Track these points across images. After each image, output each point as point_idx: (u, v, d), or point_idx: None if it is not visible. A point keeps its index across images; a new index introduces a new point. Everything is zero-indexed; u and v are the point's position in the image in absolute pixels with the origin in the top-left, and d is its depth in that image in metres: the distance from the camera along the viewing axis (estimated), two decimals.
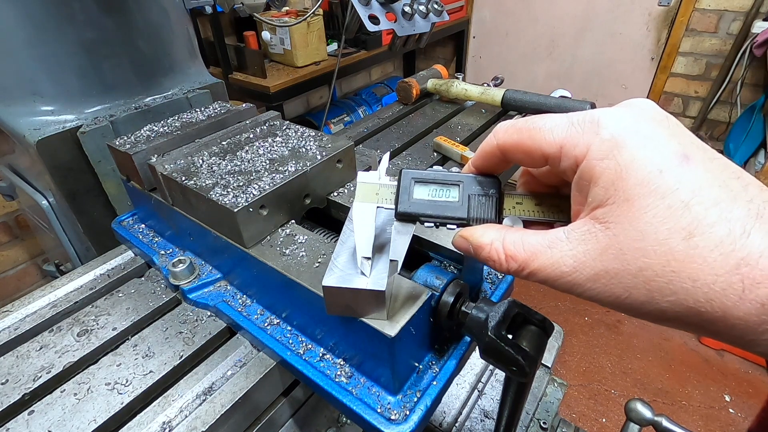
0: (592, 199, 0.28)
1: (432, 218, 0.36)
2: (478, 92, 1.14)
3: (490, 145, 0.35)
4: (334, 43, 2.50)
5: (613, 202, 0.27)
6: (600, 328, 2.44)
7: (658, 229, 0.25)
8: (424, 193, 0.37)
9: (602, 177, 0.27)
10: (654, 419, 0.73)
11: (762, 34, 2.21)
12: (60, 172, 0.78)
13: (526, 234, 0.32)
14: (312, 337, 0.52)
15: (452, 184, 0.37)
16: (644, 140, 0.27)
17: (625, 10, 2.80)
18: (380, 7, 1.00)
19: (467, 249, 0.35)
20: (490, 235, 0.33)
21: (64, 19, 0.73)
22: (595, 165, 0.27)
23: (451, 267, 0.50)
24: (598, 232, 0.27)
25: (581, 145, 0.28)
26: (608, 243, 0.27)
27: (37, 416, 0.49)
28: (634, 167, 0.26)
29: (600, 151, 0.27)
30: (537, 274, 0.30)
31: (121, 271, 0.70)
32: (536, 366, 0.38)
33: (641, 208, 0.25)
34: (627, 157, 0.26)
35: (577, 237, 0.29)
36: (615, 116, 0.28)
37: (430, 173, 0.37)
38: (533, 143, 0.31)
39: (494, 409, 0.75)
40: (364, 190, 0.39)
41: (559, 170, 0.31)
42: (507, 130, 0.33)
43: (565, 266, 0.29)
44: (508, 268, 0.32)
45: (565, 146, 0.29)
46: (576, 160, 0.29)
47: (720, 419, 1.99)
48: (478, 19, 3.44)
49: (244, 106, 0.77)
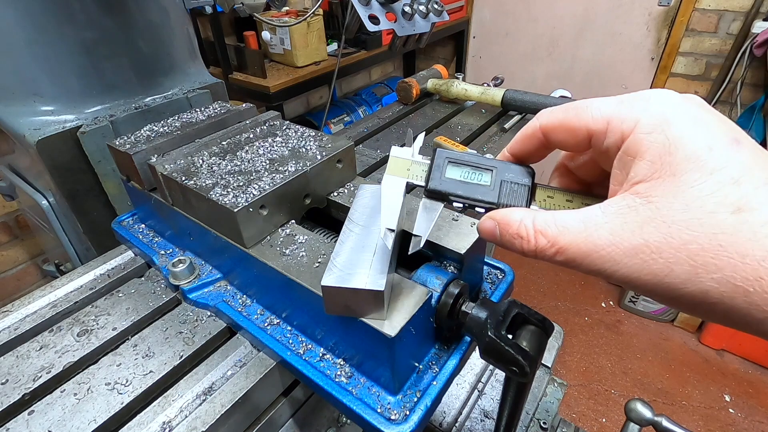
0: (634, 173, 0.27)
1: (462, 198, 0.36)
2: (478, 92, 1.14)
3: (532, 128, 0.34)
4: (334, 43, 2.50)
5: (658, 176, 0.26)
6: (600, 328, 2.44)
7: (706, 202, 0.24)
8: (456, 174, 0.37)
9: (649, 150, 0.26)
10: (654, 419, 0.73)
11: (762, 34, 2.20)
12: (60, 172, 0.78)
13: (557, 213, 0.30)
14: (312, 337, 0.52)
15: (485, 169, 0.36)
16: (694, 120, 0.26)
17: (625, 10, 2.80)
18: (380, 7, 1.00)
19: (493, 230, 0.33)
20: (519, 213, 0.32)
21: (64, 19, 0.73)
22: (642, 138, 0.27)
23: (451, 267, 0.50)
24: (639, 205, 0.26)
25: (629, 120, 0.28)
26: (650, 215, 0.25)
27: (37, 416, 0.49)
28: (683, 142, 0.25)
29: (649, 124, 0.27)
30: (567, 250, 0.28)
31: (121, 271, 0.70)
32: (536, 366, 0.38)
33: (688, 182, 0.25)
34: (676, 132, 0.26)
35: (614, 210, 0.27)
36: (666, 95, 0.28)
37: (465, 155, 0.37)
38: (579, 121, 0.31)
39: (494, 409, 0.75)
40: (396, 165, 0.40)
41: (603, 149, 0.30)
42: (552, 111, 0.33)
43: (600, 240, 0.27)
44: (536, 246, 0.30)
45: (612, 121, 0.29)
46: (622, 135, 0.28)
47: (720, 419, 1.99)
48: (478, 19, 3.44)
49: (244, 106, 0.77)
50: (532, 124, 0.34)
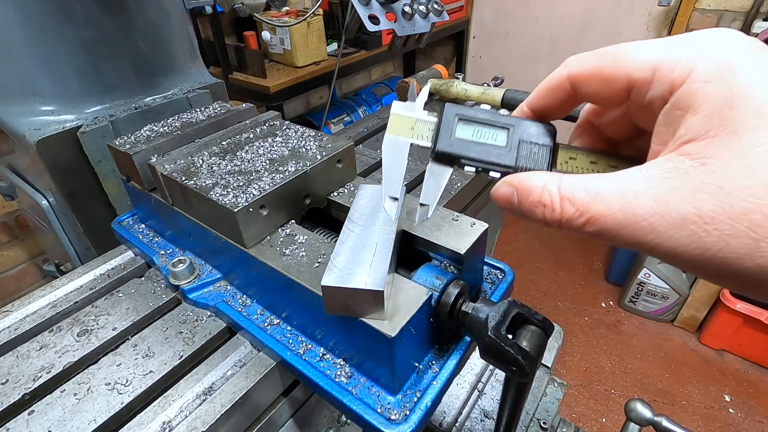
0: (685, 130, 0.23)
1: (474, 162, 0.32)
2: (478, 92, 1.14)
3: (559, 77, 0.30)
4: (334, 43, 2.50)
5: (714, 134, 0.22)
6: (600, 328, 2.44)
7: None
8: (468, 133, 0.32)
9: (705, 103, 0.22)
10: (654, 419, 0.73)
11: (762, 34, 2.20)
12: (60, 172, 0.78)
13: (587, 177, 0.26)
14: (312, 337, 0.52)
15: (501, 127, 0.32)
16: (763, 67, 0.22)
17: (625, 10, 2.80)
18: (380, 7, 1.00)
19: (510, 197, 0.29)
20: (542, 177, 0.28)
21: (64, 19, 0.73)
22: (698, 89, 0.23)
23: (451, 267, 0.50)
24: (690, 168, 0.22)
25: (683, 66, 0.23)
26: (703, 180, 0.22)
27: (37, 416, 0.49)
28: (748, 95, 0.21)
29: (708, 72, 0.23)
30: (600, 220, 0.24)
31: (121, 271, 0.70)
32: (536, 366, 0.38)
33: (752, 142, 0.21)
34: (741, 82, 0.22)
35: (658, 174, 0.23)
36: (730, 36, 0.24)
37: (479, 111, 0.33)
38: (617, 68, 0.26)
39: (494, 409, 0.75)
40: (398, 123, 0.35)
41: (644, 102, 0.26)
42: (582, 57, 0.28)
43: (641, 208, 0.23)
44: (561, 215, 0.26)
45: (661, 67, 0.24)
46: (672, 85, 0.24)
47: (720, 419, 1.99)
48: (478, 19, 3.44)
49: (244, 106, 0.77)
50: (558, 73, 0.30)
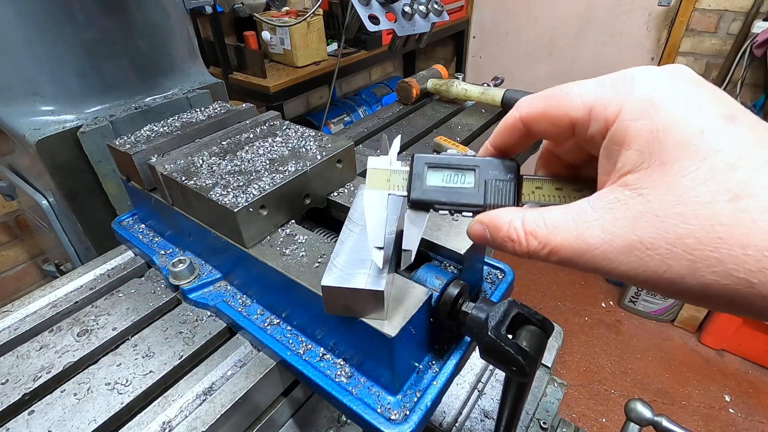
0: (622, 164, 0.25)
1: (446, 206, 0.35)
2: (478, 92, 1.14)
3: (513, 119, 0.32)
4: (334, 43, 2.50)
5: (647, 166, 0.24)
6: (600, 328, 2.44)
7: (700, 192, 0.22)
8: (437, 180, 0.35)
9: (636, 139, 0.24)
10: (654, 419, 0.73)
11: (762, 34, 2.20)
12: (60, 172, 0.78)
13: (547, 210, 0.29)
14: (312, 337, 0.52)
15: (467, 169, 0.35)
16: (684, 100, 0.24)
17: (625, 10, 2.80)
18: (380, 7, 1.00)
19: (483, 234, 0.32)
20: (507, 215, 0.31)
21: (64, 19, 0.73)
22: (628, 126, 0.25)
23: (451, 267, 0.50)
24: (629, 199, 0.25)
25: (613, 105, 0.26)
26: (641, 210, 0.24)
27: (37, 416, 0.49)
28: (672, 128, 0.23)
29: (634, 110, 0.25)
30: (560, 250, 0.27)
31: (121, 271, 0.70)
32: (536, 366, 0.38)
33: (680, 171, 0.23)
34: (664, 117, 0.24)
35: (603, 205, 0.26)
36: (652, 74, 0.26)
37: (444, 157, 0.36)
38: (560, 109, 0.29)
39: (494, 409, 0.75)
40: (375, 177, 0.38)
41: (587, 137, 0.28)
42: (531, 100, 0.31)
43: (592, 238, 0.25)
44: (528, 248, 0.29)
45: (594, 108, 0.27)
46: (606, 122, 0.26)
47: (720, 419, 1.99)
48: (478, 19, 3.44)
49: (244, 106, 0.77)
50: (512, 115, 0.33)
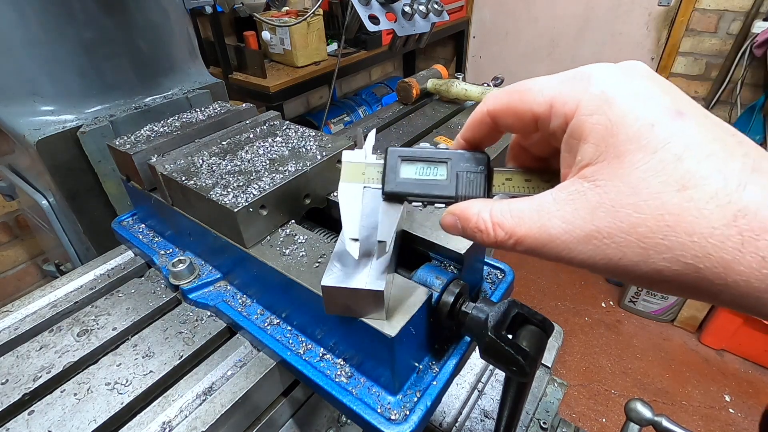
0: (581, 157, 0.27)
1: (419, 197, 0.36)
2: (478, 92, 1.14)
3: (480, 113, 0.34)
4: (334, 43, 2.50)
5: (603, 159, 0.26)
6: (600, 328, 2.44)
7: (650, 182, 0.24)
8: (411, 172, 0.36)
9: (592, 133, 0.26)
10: (654, 419, 0.73)
11: (762, 34, 2.21)
12: (60, 172, 0.78)
13: (513, 202, 0.30)
14: (312, 337, 0.52)
15: (440, 162, 0.36)
16: (636, 95, 0.26)
17: (625, 10, 2.81)
18: (380, 7, 1.00)
19: (455, 225, 0.33)
20: (476, 206, 0.32)
21: (64, 19, 0.73)
22: (585, 121, 0.26)
23: (451, 267, 0.50)
24: (587, 190, 0.26)
25: (571, 102, 0.27)
26: (598, 201, 0.25)
27: (37, 416, 0.49)
28: (624, 122, 0.25)
29: (590, 106, 0.26)
30: (525, 240, 0.28)
31: (121, 271, 0.70)
32: (536, 366, 0.38)
33: (632, 163, 0.24)
34: (617, 112, 0.25)
35: (564, 197, 0.27)
36: (606, 71, 0.28)
37: (417, 150, 0.36)
38: (523, 104, 0.30)
39: (494, 409, 0.75)
40: (350, 170, 0.38)
41: (550, 132, 0.30)
42: (497, 95, 0.32)
43: (554, 229, 0.27)
44: (495, 238, 0.30)
45: (554, 104, 0.28)
46: (566, 118, 0.28)
47: (720, 419, 1.99)
48: (478, 19, 3.44)
49: (244, 106, 0.77)
50: (479, 109, 0.34)
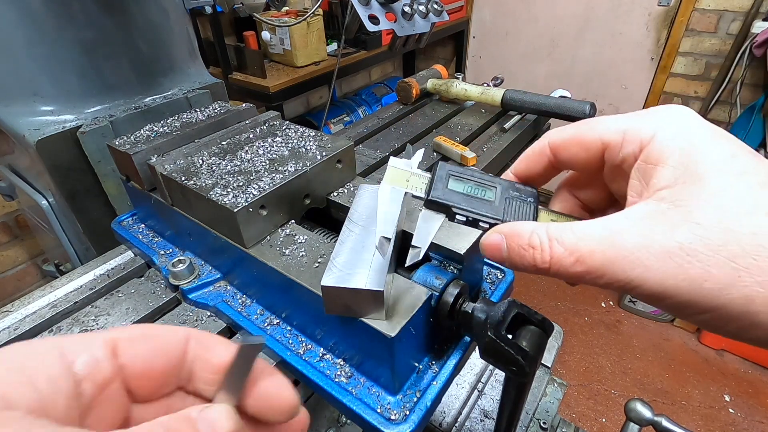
0: (657, 180, 0.26)
1: (465, 211, 0.34)
2: (478, 92, 1.14)
3: (540, 146, 0.34)
4: (334, 43, 2.50)
5: (683, 181, 0.25)
6: (600, 328, 2.44)
7: (739, 204, 0.23)
8: (459, 187, 0.35)
9: (672, 157, 0.26)
10: (654, 419, 0.73)
11: (762, 34, 2.21)
12: (60, 172, 0.78)
13: (572, 222, 0.28)
14: (312, 337, 0.52)
15: (489, 186, 0.35)
16: (712, 131, 0.26)
17: (625, 10, 2.80)
18: (380, 7, 1.00)
19: (498, 245, 0.30)
20: (530, 224, 0.30)
21: (64, 19, 0.73)
22: (665, 145, 0.26)
23: (451, 267, 0.50)
24: (666, 210, 0.25)
25: (647, 129, 0.28)
26: (681, 218, 0.24)
27: None
28: (705, 150, 0.25)
29: (668, 132, 0.27)
30: (588, 258, 0.25)
31: (121, 271, 0.70)
32: (536, 366, 0.38)
33: (717, 186, 0.24)
34: (696, 140, 0.26)
35: (640, 215, 0.25)
36: (681, 108, 0.28)
37: (467, 170, 0.36)
38: (592, 133, 0.31)
39: (494, 409, 0.75)
40: (395, 175, 0.38)
41: (617, 161, 0.29)
42: (561, 129, 0.33)
43: (627, 242, 0.24)
44: (551, 255, 0.27)
45: (629, 131, 0.28)
46: (641, 143, 0.28)
47: (720, 419, 1.99)
48: (478, 19, 3.44)
49: (243, 106, 0.77)
50: (539, 143, 0.34)
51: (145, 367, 0.23)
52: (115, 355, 0.22)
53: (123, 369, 0.22)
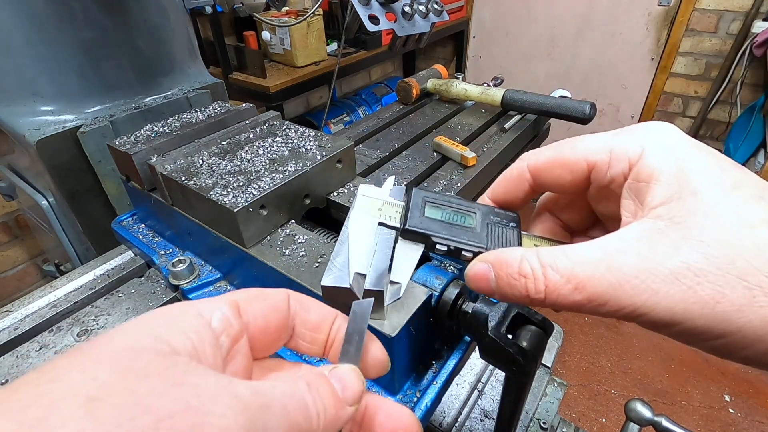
0: (651, 197, 0.25)
1: (446, 240, 0.31)
2: (478, 92, 1.14)
3: (519, 169, 0.32)
4: (334, 43, 2.50)
5: (679, 197, 0.24)
6: (600, 328, 2.44)
7: (739, 216, 0.22)
8: (437, 215, 0.33)
9: (664, 173, 0.25)
10: (654, 419, 0.73)
11: (762, 34, 2.21)
12: (60, 172, 0.78)
13: (565, 246, 0.26)
14: None
15: (468, 212, 0.33)
16: (697, 146, 0.26)
17: (625, 10, 2.81)
18: (380, 7, 1.00)
19: (485, 275, 0.28)
20: (518, 250, 0.27)
21: (64, 19, 0.73)
22: (655, 162, 0.25)
23: (451, 267, 0.50)
24: (664, 228, 0.23)
25: (634, 146, 0.27)
26: (682, 236, 0.22)
27: None
28: (695, 163, 0.24)
29: (657, 149, 0.26)
30: (588, 284, 0.23)
31: (121, 271, 0.70)
32: (536, 365, 0.38)
33: (713, 199, 0.23)
34: (686, 156, 0.25)
35: (636, 236, 0.24)
36: (664, 125, 0.27)
37: (444, 197, 0.34)
38: (574, 154, 0.29)
39: (494, 409, 0.75)
40: (366, 204, 0.36)
41: (605, 181, 0.28)
42: (538, 151, 0.31)
43: (627, 266, 0.23)
44: (546, 283, 0.25)
45: (615, 150, 0.27)
46: (630, 161, 0.27)
47: (720, 419, 1.99)
48: (478, 19, 3.44)
49: (244, 106, 0.77)
50: (517, 166, 0.32)
51: (265, 324, 0.24)
52: (239, 313, 0.23)
53: (248, 326, 0.24)
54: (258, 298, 0.25)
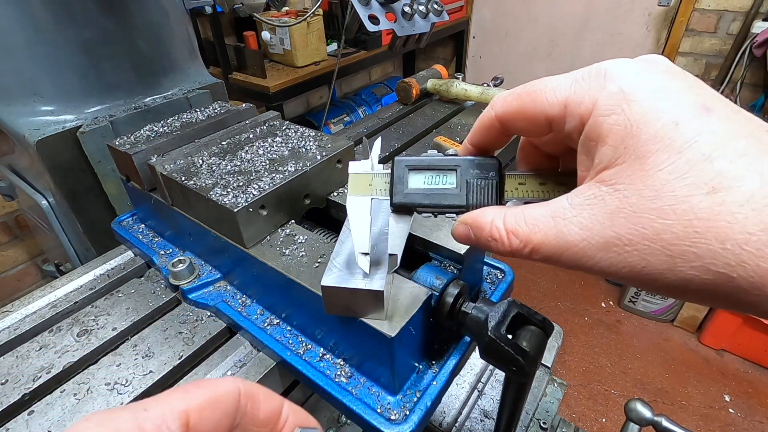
0: (599, 160, 0.25)
1: (429, 208, 0.35)
2: (478, 92, 1.14)
3: (488, 118, 0.32)
4: (334, 43, 2.50)
5: (623, 161, 0.24)
6: (600, 328, 2.44)
7: (676, 185, 0.22)
8: (419, 182, 0.35)
9: (610, 134, 0.24)
10: (654, 419, 0.73)
11: (762, 34, 2.21)
12: (60, 172, 0.78)
13: (527, 208, 0.28)
14: (312, 337, 0.52)
15: (449, 170, 0.35)
16: (657, 92, 0.24)
17: (625, 10, 2.81)
18: (380, 7, 1.00)
19: (467, 235, 0.32)
20: (489, 214, 0.30)
21: (64, 19, 0.73)
22: (602, 122, 0.25)
23: (451, 267, 0.50)
24: (605, 195, 0.24)
25: (587, 101, 0.26)
26: (618, 205, 0.24)
27: (36, 416, 0.49)
28: (645, 121, 0.23)
29: (607, 105, 0.25)
30: (541, 249, 0.27)
31: (121, 271, 0.70)
32: (536, 366, 0.38)
33: (655, 165, 0.23)
34: (637, 110, 0.24)
35: (580, 202, 0.26)
36: (624, 67, 0.26)
37: (425, 159, 0.35)
38: (535, 107, 0.28)
39: (494, 409, 0.75)
40: (357, 182, 0.38)
41: (565, 134, 0.28)
42: (505, 98, 0.31)
43: (571, 235, 0.25)
44: (510, 246, 0.28)
45: (569, 104, 0.26)
46: (581, 119, 0.26)
47: (720, 419, 1.99)
48: (478, 19, 3.44)
49: (243, 106, 0.77)
50: (487, 113, 0.32)
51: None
52: (187, 428, 0.22)
53: None
54: (210, 407, 0.23)
